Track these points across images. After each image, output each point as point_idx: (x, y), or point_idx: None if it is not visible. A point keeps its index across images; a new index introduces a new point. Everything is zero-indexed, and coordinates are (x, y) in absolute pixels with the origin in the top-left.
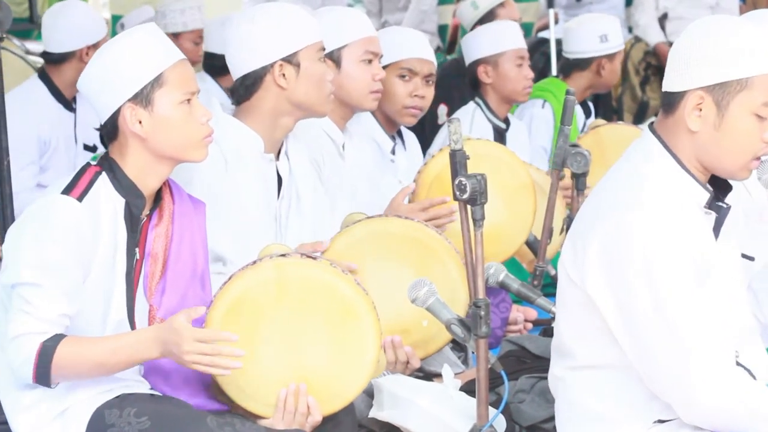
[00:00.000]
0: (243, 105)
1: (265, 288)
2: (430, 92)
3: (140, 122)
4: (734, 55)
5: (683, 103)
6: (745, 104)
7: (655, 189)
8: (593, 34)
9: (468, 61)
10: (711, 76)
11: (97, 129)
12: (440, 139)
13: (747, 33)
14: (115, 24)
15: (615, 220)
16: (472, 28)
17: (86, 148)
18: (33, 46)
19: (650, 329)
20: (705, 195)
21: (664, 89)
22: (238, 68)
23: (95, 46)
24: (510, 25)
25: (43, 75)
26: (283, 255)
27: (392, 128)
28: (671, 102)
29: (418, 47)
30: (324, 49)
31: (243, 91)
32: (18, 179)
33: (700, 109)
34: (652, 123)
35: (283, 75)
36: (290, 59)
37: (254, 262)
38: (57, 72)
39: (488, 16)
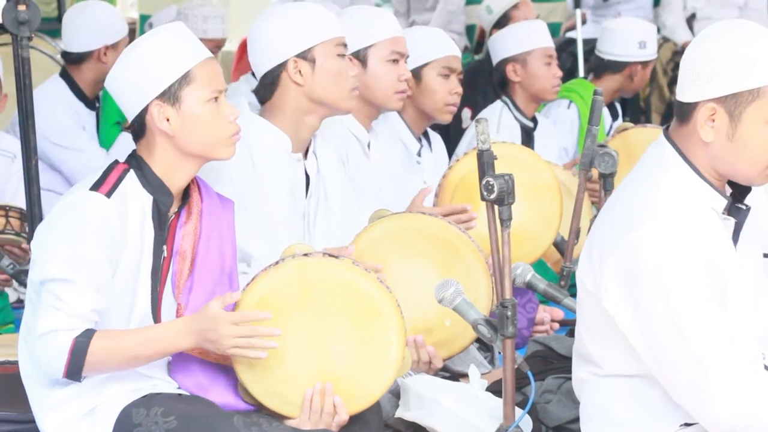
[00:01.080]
0: (267, 105)
1: (288, 288)
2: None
3: (168, 120)
4: (745, 66)
5: (696, 114)
6: (758, 114)
7: (669, 201)
8: (633, 40)
9: (496, 59)
10: (722, 87)
11: (125, 127)
12: (466, 141)
13: (757, 42)
14: (144, 23)
15: (629, 238)
16: (491, 32)
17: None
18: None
19: (668, 344)
20: (722, 201)
21: (676, 97)
22: (258, 68)
23: (114, 47)
24: (538, 23)
25: (65, 74)
26: (305, 254)
27: (419, 129)
28: (684, 112)
29: (452, 45)
30: (345, 45)
31: (264, 90)
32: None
33: (713, 120)
34: (667, 128)
35: (299, 72)
36: (305, 55)
37: (277, 263)
38: (77, 71)
39: (503, 19)
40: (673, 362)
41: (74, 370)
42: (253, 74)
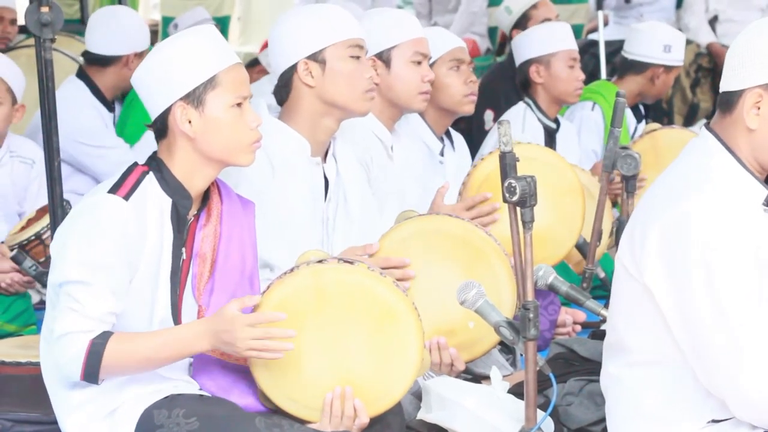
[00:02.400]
0: (284, 107)
1: (304, 295)
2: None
3: (190, 122)
4: None
5: (741, 102)
6: None
7: (716, 181)
8: (658, 42)
9: (519, 61)
10: None
11: (148, 126)
12: (490, 142)
13: None
14: (166, 25)
15: (675, 210)
16: (510, 33)
17: None
18: None
19: (705, 322)
20: (764, 192)
21: (721, 89)
22: (274, 70)
23: (140, 55)
24: (563, 25)
25: (82, 75)
26: (320, 261)
27: (441, 129)
28: (729, 101)
29: (454, 38)
30: (360, 47)
31: (280, 92)
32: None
33: (759, 107)
34: (707, 123)
35: (310, 74)
36: (315, 57)
37: (292, 270)
38: (99, 74)
39: (523, 20)
40: (708, 342)
41: (91, 373)
42: None
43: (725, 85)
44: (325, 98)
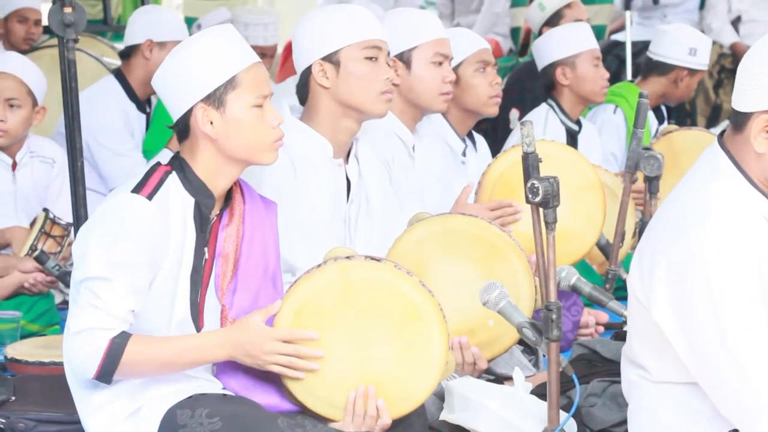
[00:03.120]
0: (305, 108)
1: (330, 291)
2: None
3: (211, 123)
4: None
5: (750, 125)
6: None
7: (721, 209)
8: (684, 44)
9: (542, 64)
10: None
11: (170, 126)
12: (511, 142)
13: None
14: (189, 26)
15: (680, 249)
16: (540, 30)
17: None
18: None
19: (716, 358)
20: None
21: (732, 106)
22: (297, 70)
23: (161, 45)
24: (583, 26)
25: (119, 74)
26: (348, 257)
27: (463, 129)
28: (739, 121)
29: (480, 39)
30: (378, 48)
31: (299, 92)
32: (119, 166)
33: (767, 132)
34: (722, 133)
35: (325, 75)
36: (330, 58)
37: (319, 266)
38: (128, 69)
39: (555, 17)
40: (718, 372)
41: (107, 372)
42: None
43: (735, 104)
44: (341, 100)
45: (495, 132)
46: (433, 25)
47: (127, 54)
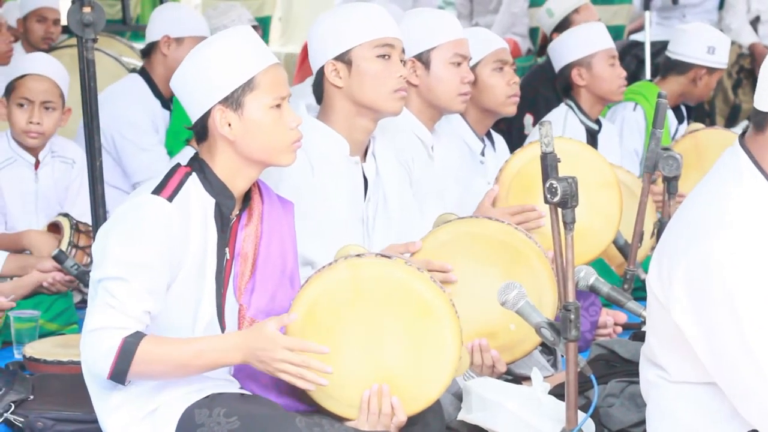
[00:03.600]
0: (321, 107)
1: (341, 289)
2: None
3: (229, 125)
4: None
5: None
6: None
7: (741, 212)
8: (702, 43)
9: (558, 66)
10: None
11: (189, 128)
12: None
13: None
14: None
15: (699, 248)
16: (551, 36)
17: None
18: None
19: (732, 354)
20: None
21: (754, 105)
22: (312, 70)
23: (178, 42)
24: (597, 25)
25: (143, 72)
26: (358, 255)
27: (482, 129)
28: (760, 121)
29: (495, 39)
30: (391, 46)
31: (315, 91)
32: (143, 160)
33: None
34: (743, 134)
35: (338, 74)
36: (342, 57)
37: (330, 264)
38: (150, 67)
39: (564, 23)
40: (737, 372)
41: (120, 371)
42: None
43: (757, 103)
44: (354, 99)
45: (510, 136)
46: (452, 26)
47: (147, 52)
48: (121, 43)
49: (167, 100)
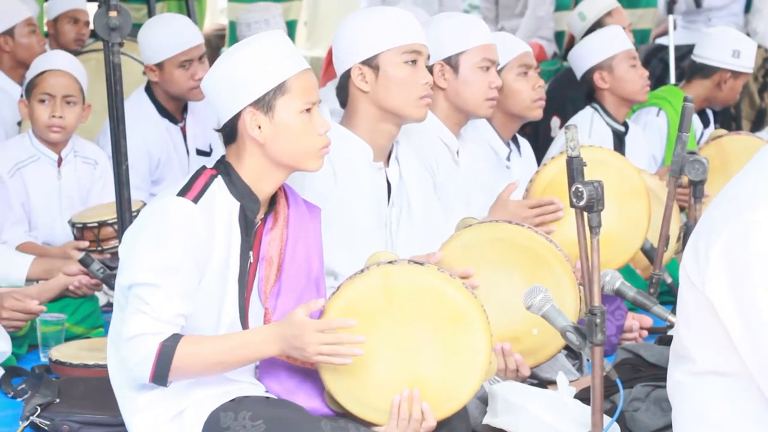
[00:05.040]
0: (345, 111)
1: (373, 296)
2: None
3: (259, 127)
4: None
5: None
6: None
7: None
8: (727, 46)
9: (580, 71)
10: None
11: (217, 130)
12: (555, 147)
13: None
14: (234, 30)
15: (739, 220)
16: (581, 38)
17: (199, 152)
18: None
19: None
20: None
21: None
22: (337, 73)
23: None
24: (615, 28)
25: (149, 89)
26: (390, 262)
27: (508, 134)
28: None
29: (519, 44)
30: (417, 52)
31: (339, 95)
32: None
33: None
34: None
35: (364, 79)
36: (369, 62)
37: (362, 271)
38: (155, 86)
39: (596, 26)
40: None
41: (160, 375)
42: None
43: None
44: (379, 104)
45: (536, 139)
46: (481, 31)
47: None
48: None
49: (174, 115)
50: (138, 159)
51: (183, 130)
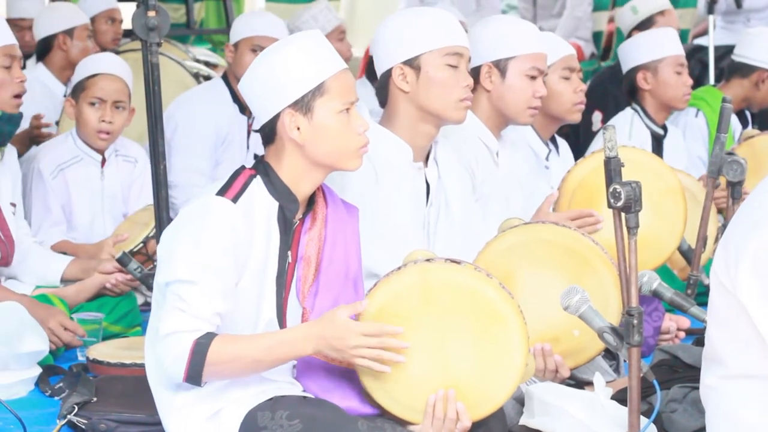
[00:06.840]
0: (385, 111)
1: (410, 294)
2: None
3: (298, 129)
4: None
5: None
6: None
7: None
8: (766, 46)
9: (626, 67)
10: None
11: (256, 131)
12: (595, 146)
13: None
14: None
15: None
16: (629, 33)
17: (255, 157)
18: (195, 51)
19: None
20: None
21: None
22: (377, 72)
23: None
24: (669, 31)
25: (225, 76)
26: (428, 260)
27: (547, 134)
28: None
29: (564, 46)
30: (458, 54)
31: (379, 95)
32: (183, 175)
33: None
34: None
35: (405, 79)
36: (411, 63)
37: (399, 269)
38: (230, 72)
39: (647, 23)
40: None
41: (194, 373)
42: (368, 77)
43: None
44: (420, 104)
45: (576, 135)
46: (534, 38)
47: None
48: (178, 48)
49: (245, 105)
50: (204, 139)
51: (249, 126)
